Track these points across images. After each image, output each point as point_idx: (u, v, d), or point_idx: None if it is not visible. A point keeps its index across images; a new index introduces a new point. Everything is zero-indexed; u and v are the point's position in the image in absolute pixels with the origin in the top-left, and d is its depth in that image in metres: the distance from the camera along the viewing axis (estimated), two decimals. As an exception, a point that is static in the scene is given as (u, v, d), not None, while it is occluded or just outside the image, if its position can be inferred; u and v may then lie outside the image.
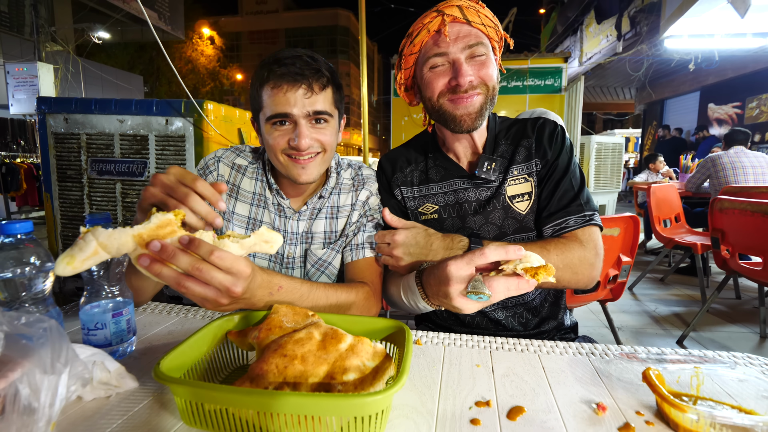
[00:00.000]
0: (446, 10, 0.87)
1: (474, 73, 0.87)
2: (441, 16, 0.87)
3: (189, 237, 0.56)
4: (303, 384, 0.50)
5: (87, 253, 0.52)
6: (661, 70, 9.65)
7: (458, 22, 0.87)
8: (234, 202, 0.98)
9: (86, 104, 2.19)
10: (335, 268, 1.00)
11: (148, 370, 0.63)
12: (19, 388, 0.46)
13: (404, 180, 1.04)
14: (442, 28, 0.86)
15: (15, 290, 0.60)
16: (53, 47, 8.41)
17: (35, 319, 0.51)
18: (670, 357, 0.68)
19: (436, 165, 1.03)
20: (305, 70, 0.84)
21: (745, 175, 3.44)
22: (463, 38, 0.86)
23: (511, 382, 0.61)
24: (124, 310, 0.67)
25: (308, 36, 39.54)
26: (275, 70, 0.83)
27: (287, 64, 0.83)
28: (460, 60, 0.86)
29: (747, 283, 3.31)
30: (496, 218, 0.96)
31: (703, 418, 0.47)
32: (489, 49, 0.89)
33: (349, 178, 1.04)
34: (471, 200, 0.98)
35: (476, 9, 0.88)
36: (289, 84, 0.83)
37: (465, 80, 0.85)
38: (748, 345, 2.41)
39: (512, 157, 0.96)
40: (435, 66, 0.89)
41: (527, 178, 0.95)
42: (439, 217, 1.00)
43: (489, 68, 0.88)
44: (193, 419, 0.50)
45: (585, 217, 0.89)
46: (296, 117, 0.84)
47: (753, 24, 4.94)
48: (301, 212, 0.98)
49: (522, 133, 0.98)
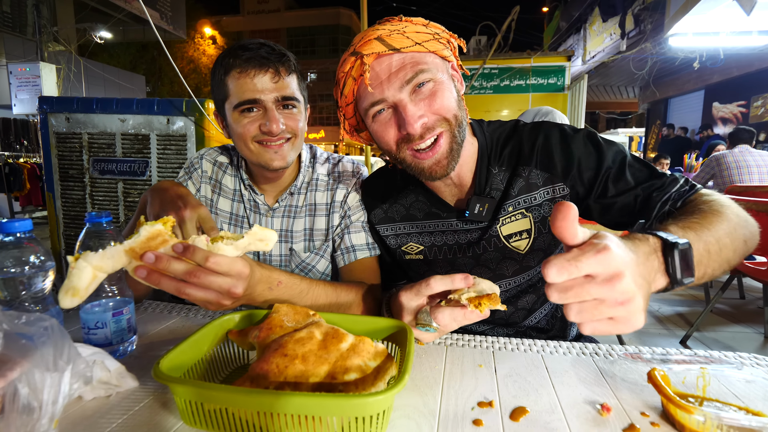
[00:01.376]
0: (364, 49, 0.71)
1: (425, 109, 0.72)
2: (359, 59, 0.72)
3: (183, 245, 0.55)
4: (304, 384, 0.50)
5: (86, 281, 0.52)
6: (665, 68, 9.60)
7: (385, 57, 0.71)
8: (217, 197, 0.99)
9: (88, 104, 2.19)
10: (319, 272, 0.99)
11: (149, 370, 0.63)
12: (18, 387, 0.46)
13: (383, 217, 0.93)
14: (364, 73, 0.71)
15: (15, 289, 0.60)
16: (55, 47, 8.44)
17: (36, 318, 0.51)
18: (675, 357, 0.67)
19: (418, 200, 0.90)
20: (271, 55, 0.83)
21: (749, 174, 3.42)
22: (397, 73, 0.71)
23: (513, 383, 0.60)
24: (125, 309, 0.67)
25: (310, 35, 39.55)
26: (241, 55, 0.82)
27: (253, 49, 0.83)
28: (403, 102, 0.71)
29: (751, 283, 3.28)
30: (488, 261, 0.86)
31: (710, 419, 0.46)
32: (436, 71, 0.73)
33: (324, 174, 1.01)
34: (461, 242, 0.87)
35: (400, 30, 0.72)
36: (256, 69, 0.82)
37: (416, 127, 0.71)
38: (753, 345, 2.40)
39: (506, 190, 0.82)
40: (376, 114, 0.75)
41: (525, 213, 0.82)
42: (425, 258, 0.90)
43: (441, 98, 0.72)
44: (193, 419, 0.50)
45: (681, 188, 0.73)
46: (265, 102, 0.83)
47: (759, 22, 4.91)
48: (275, 209, 0.98)
49: (518, 155, 0.82)
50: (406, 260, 0.93)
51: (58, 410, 0.47)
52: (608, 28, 8.93)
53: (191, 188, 0.98)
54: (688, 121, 9.86)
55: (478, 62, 5.13)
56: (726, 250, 0.59)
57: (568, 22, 11.44)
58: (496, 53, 5.14)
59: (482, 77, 5.25)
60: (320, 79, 41.20)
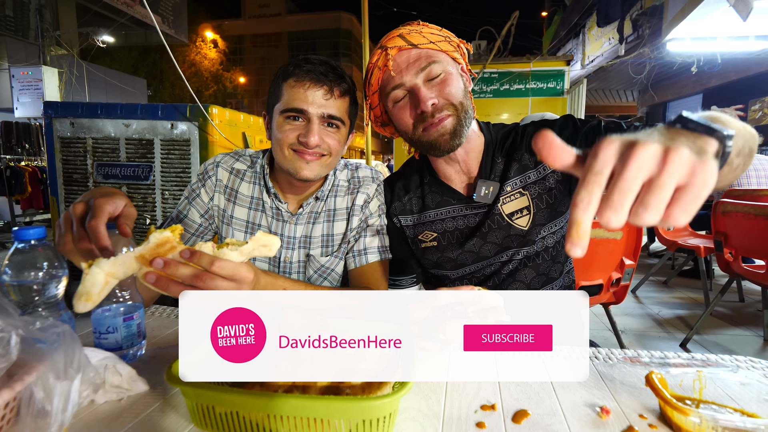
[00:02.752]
0: (388, 44, 0.87)
1: (436, 94, 0.85)
2: (384, 51, 0.87)
3: (190, 250, 0.58)
4: (312, 387, 0.51)
5: (99, 286, 0.55)
6: (664, 72, 9.64)
7: (405, 50, 0.86)
8: (233, 206, 0.98)
9: (92, 108, 2.21)
10: (338, 274, 1.00)
11: (159, 374, 0.64)
12: (34, 391, 0.48)
13: (402, 209, 1.03)
14: (388, 62, 0.86)
15: (29, 295, 0.61)
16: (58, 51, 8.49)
17: (49, 324, 0.52)
18: (673, 361, 0.69)
19: (431, 191, 1.01)
20: (330, 73, 0.87)
21: (748, 178, 3.44)
22: (414, 63, 0.85)
23: (515, 386, 0.61)
24: (135, 314, 0.69)
25: (311, 39, 39.72)
26: (302, 66, 0.86)
27: (314, 63, 0.87)
28: (417, 85, 0.85)
29: (750, 286, 3.30)
30: (495, 237, 0.95)
31: (706, 421, 0.47)
32: (446, 64, 0.87)
33: (344, 179, 1.03)
34: (470, 225, 0.97)
35: (418, 31, 0.87)
36: (312, 81, 0.86)
37: (427, 105, 0.84)
38: (752, 348, 2.41)
39: (504, 173, 0.94)
40: (397, 99, 0.88)
41: (522, 192, 0.93)
42: (439, 245, 0.99)
43: (450, 86, 0.85)
44: (203, 422, 0.51)
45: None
46: (311, 115, 0.86)
47: (755, 27, 4.95)
48: (298, 216, 0.98)
49: (512, 143, 0.96)
50: (422, 248, 1.01)
51: (67, 418, 0.48)
52: (607, 33, 8.98)
53: (204, 196, 0.97)
54: (686, 124, 9.88)
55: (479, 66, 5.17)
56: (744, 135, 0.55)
57: (567, 26, 11.51)
58: (495, 57, 5.17)
59: (482, 81, 5.27)
60: (320, 83, 41.17)
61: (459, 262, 0.98)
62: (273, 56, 39.05)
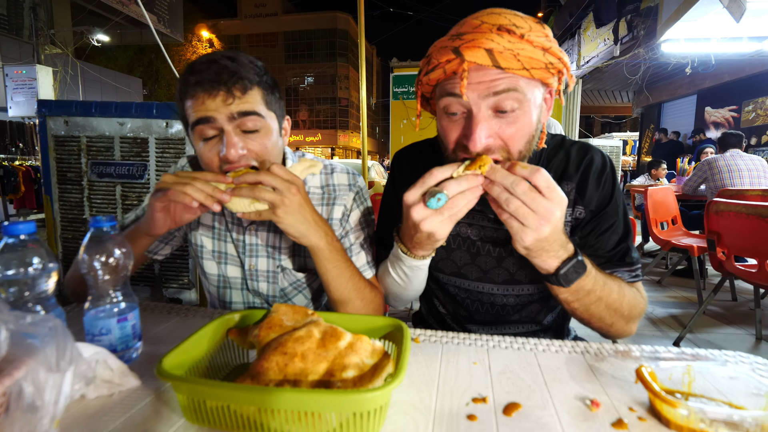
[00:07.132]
0: (467, 54, 0.64)
1: (495, 132, 0.68)
2: (460, 60, 0.65)
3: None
4: (303, 381, 0.51)
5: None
6: (658, 73, 9.72)
7: (483, 69, 0.66)
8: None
9: (86, 107, 2.20)
10: (313, 289, 0.96)
11: (150, 369, 0.64)
12: (24, 386, 0.47)
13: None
14: (460, 74, 0.66)
15: (19, 290, 0.61)
16: (52, 50, 8.43)
17: (41, 319, 0.52)
18: (663, 355, 0.69)
19: None
20: (222, 74, 0.73)
21: (741, 177, 3.47)
22: (488, 83, 0.66)
23: (507, 379, 0.62)
24: (129, 314, 0.67)
25: (307, 39, 39.66)
26: (189, 80, 0.73)
27: (201, 71, 0.73)
28: (477, 116, 0.67)
29: (743, 285, 3.32)
30: (510, 264, 0.86)
31: (694, 413, 0.48)
32: (527, 94, 0.67)
33: (317, 186, 0.93)
34: (485, 238, 0.87)
35: (515, 53, 0.64)
36: (204, 92, 0.73)
37: (478, 145, 0.67)
38: (744, 346, 2.43)
39: None
40: (450, 111, 0.71)
41: None
42: (448, 246, 0.90)
43: (518, 126, 0.68)
44: (195, 416, 0.51)
45: (634, 273, 0.81)
46: (220, 123, 0.74)
47: (748, 28, 5.00)
48: (258, 222, 0.89)
49: (563, 170, 0.84)
50: None
51: (59, 411, 0.48)
52: (602, 34, 9.04)
53: None
54: (680, 125, 9.98)
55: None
56: (605, 301, 0.74)
57: (562, 27, 11.57)
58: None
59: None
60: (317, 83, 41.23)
61: (462, 272, 0.91)
62: (269, 56, 38.97)
